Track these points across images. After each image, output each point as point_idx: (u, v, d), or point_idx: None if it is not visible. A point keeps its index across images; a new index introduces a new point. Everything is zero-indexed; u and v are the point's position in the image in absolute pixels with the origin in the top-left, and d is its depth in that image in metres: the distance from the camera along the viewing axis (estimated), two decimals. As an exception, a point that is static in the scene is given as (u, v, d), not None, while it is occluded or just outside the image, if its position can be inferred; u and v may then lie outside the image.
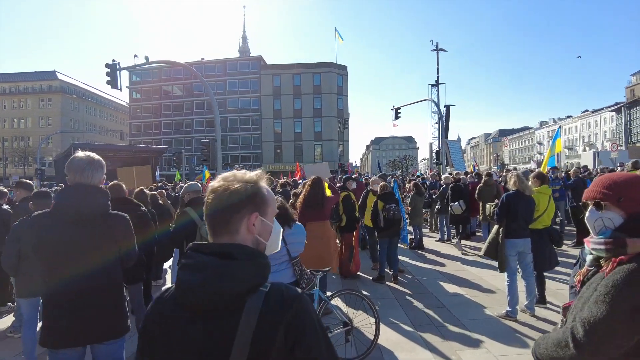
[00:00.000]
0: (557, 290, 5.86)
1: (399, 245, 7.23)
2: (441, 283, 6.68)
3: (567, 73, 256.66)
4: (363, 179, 12.86)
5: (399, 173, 48.59)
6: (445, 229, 10.60)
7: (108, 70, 13.31)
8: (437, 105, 21.55)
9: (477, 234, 11.31)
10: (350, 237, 6.90)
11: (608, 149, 53.83)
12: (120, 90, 14.12)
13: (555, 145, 9.25)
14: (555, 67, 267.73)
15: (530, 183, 5.03)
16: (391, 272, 6.76)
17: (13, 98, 66.90)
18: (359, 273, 7.25)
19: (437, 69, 37.20)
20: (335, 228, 6.99)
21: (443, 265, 7.96)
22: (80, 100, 70.42)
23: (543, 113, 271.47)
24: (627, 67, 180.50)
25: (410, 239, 9.49)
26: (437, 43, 36.05)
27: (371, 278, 7.01)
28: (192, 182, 4.93)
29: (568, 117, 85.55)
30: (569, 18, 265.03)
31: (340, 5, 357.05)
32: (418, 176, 19.84)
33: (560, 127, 10.76)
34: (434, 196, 10.86)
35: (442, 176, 11.73)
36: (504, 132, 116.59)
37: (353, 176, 10.98)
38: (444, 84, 37.00)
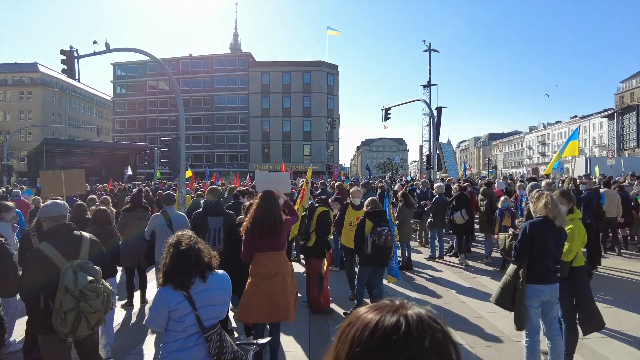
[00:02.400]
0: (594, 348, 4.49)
1: (385, 280, 5.73)
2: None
3: (556, 78, 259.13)
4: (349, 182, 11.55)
5: (388, 176, 47.54)
6: (437, 244, 9.34)
7: (64, 57, 11.82)
8: (429, 106, 20.39)
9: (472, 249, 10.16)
10: (319, 265, 5.58)
11: (597, 155, 53.58)
12: (79, 81, 12.61)
13: (568, 147, 7.95)
14: (544, 72, 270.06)
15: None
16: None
17: (-8, 90, 64.42)
18: (332, 305, 5.96)
19: (429, 69, 36.22)
20: (300, 248, 5.71)
21: (435, 295, 6.66)
22: (62, 94, 68.07)
23: (532, 117, 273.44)
24: (616, 74, 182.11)
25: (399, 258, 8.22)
26: (430, 43, 35.30)
27: (343, 313, 5.73)
28: (59, 202, 3.19)
29: (557, 122, 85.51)
30: (559, 24, 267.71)
31: (332, 4, 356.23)
32: (407, 181, 18.61)
33: (579, 127, 9.45)
34: (425, 208, 9.62)
35: (435, 185, 10.42)
36: (494, 136, 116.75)
37: (336, 183, 9.72)
38: (435, 85, 36.05)
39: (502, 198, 8.72)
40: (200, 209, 5.05)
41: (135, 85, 60.52)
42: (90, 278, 2.66)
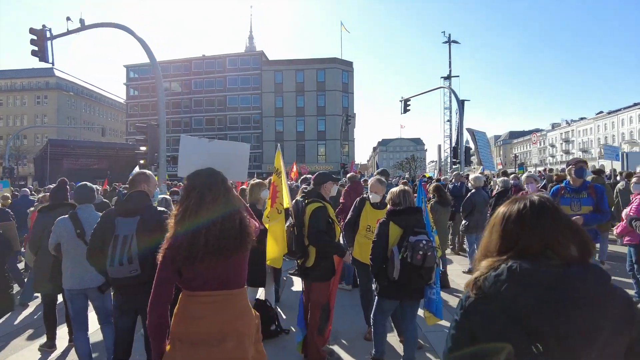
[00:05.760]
0: None
1: (421, 314, 3.81)
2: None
3: (577, 74, 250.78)
4: (362, 180, 9.64)
5: (406, 175, 45.35)
6: (476, 251, 7.34)
7: (34, 37, 10.29)
8: (454, 93, 18.30)
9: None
10: (324, 291, 3.71)
11: (632, 150, 50.00)
12: (53, 65, 11.06)
13: None
14: (566, 68, 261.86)
15: None
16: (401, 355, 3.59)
17: (9, 95, 65.19)
18: (335, 348, 4.09)
19: (450, 62, 34.39)
20: (296, 267, 3.85)
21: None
22: (77, 98, 68.21)
23: (554, 115, 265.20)
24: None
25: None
26: (450, 34, 33.39)
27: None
28: None
29: (582, 118, 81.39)
30: (580, 20, 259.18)
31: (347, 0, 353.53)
32: (430, 177, 16.52)
33: None
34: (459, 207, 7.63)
35: (471, 177, 8.37)
36: (514, 134, 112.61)
37: (348, 175, 7.82)
38: (457, 76, 33.86)
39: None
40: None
41: (148, 87, 59.89)
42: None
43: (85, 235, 3.34)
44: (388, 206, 3.50)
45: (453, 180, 9.41)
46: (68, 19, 10.19)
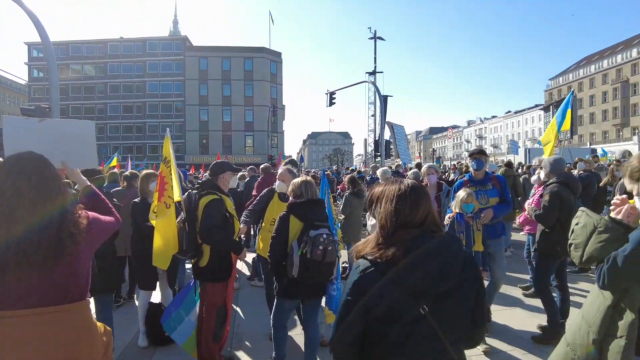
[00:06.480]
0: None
1: (324, 312, 3.55)
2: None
3: (490, 76, 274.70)
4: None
5: (334, 168, 46.08)
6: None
7: None
8: (375, 86, 18.74)
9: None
10: (221, 292, 3.37)
11: (533, 146, 55.80)
12: None
13: (566, 117, 6.35)
14: (481, 68, 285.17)
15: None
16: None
17: None
18: (240, 354, 3.79)
19: (375, 58, 35.39)
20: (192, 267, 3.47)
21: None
22: (-34, 77, 59.22)
23: (471, 113, 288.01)
24: (546, 73, 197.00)
25: (344, 265, 6.22)
26: (375, 31, 34.26)
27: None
28: None
29: (493, 117, 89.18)
30: (493, 22, 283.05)
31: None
32: (353, 170, 16.78)
33: (572, 92, 7.90)
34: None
35: (378, 171, 8.27)
36: (434, 130, 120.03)
37: (261, 166, 7.43)
38: (381, 72, 34.95)
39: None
40: None
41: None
42: None
43: None
44: (290, 197, 3.24)
45: (370, 172, 9.54)
46: None
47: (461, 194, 3.92)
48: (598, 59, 60.72)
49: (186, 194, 3.41)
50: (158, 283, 4.27)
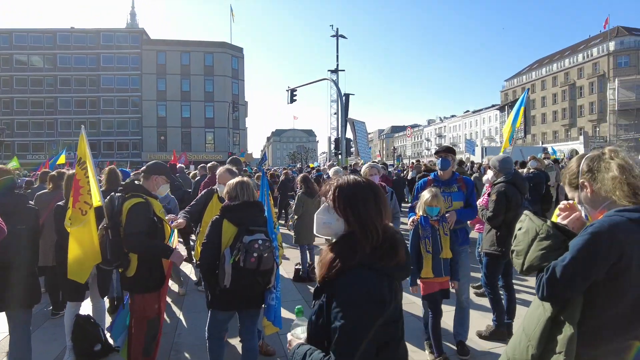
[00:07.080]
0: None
1: (261, 327, 3.31)
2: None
3: (451, 76, 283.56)
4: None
5: (298, 166, 45.88)
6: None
7: None
8: (336, 84, 18.67)
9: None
10: (152, 303, 3.07)
11: (490, 145, 58.10)
12: None
13: (519, 115, 6.46)
14: (442, 68, 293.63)
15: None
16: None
17: None
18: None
19: (337, 55, 35.32)
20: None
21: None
22: None
23: (431, 112, 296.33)
24: (501, 74, 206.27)
25: (297, 267, 6.04)
26: (337, 29, 34.20)
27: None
28: None
29: (452, 116, 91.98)
30: (455, 25, 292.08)
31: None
32: (314, 168, 16.58)
33: (527, 90, 8.14)
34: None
35: (330, 170, 8.09)
36: (396, 129, 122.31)
37: (208, 164, 7.04)
38: (343, 70, 34.97)
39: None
40: None
41: (-1, 59, 49.84)
42: None
43: None
44: (225, 199, 2.99)
45: (328, 171, 9.40)
46: None
47: (425, 195, 3.51)
48: (549, 62, 63.97)
49: (108, 197, 3.07)
50: (88, 293, 3.90)
